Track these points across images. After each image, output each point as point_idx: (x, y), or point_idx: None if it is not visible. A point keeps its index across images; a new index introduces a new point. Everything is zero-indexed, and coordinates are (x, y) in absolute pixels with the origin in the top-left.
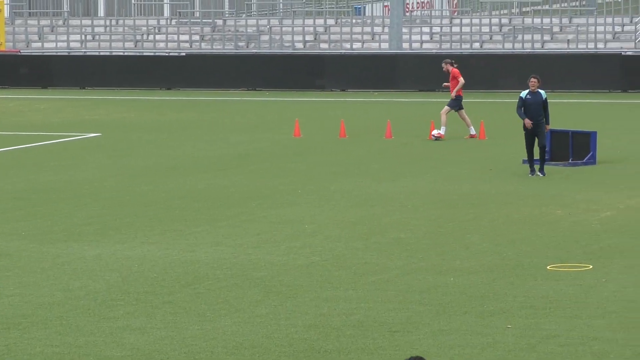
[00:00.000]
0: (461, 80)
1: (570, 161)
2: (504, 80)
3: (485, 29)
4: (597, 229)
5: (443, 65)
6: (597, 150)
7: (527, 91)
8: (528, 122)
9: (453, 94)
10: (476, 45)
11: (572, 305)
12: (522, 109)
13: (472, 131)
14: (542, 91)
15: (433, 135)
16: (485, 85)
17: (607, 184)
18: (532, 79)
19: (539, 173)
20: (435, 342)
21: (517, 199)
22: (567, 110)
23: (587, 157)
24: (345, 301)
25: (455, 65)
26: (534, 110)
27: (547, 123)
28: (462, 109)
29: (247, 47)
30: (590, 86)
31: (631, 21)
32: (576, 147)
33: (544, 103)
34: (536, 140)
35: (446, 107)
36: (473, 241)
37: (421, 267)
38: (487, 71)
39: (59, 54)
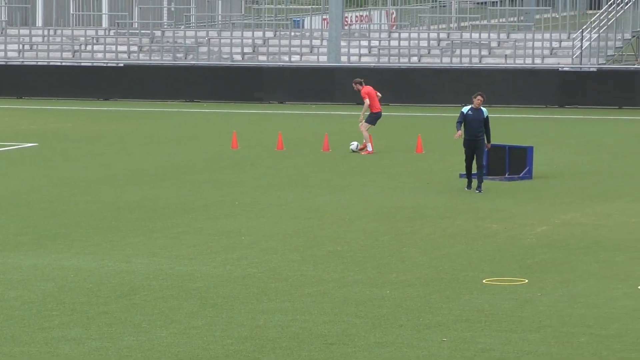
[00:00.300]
0: (366, 101)
1: (506, 176)
2: (441, 95)
3: (424, 43)
4: (533, 244)
5: (353, 85)
6: (533, 165)
7: (469, 107)
8: (458, 133)
9: (363, 115)
10: (414, 59)
11: (507, 319)
12: (461, 123)
13: (368, 147)
14: (484, 109)
15: (362, 151)
16: (423, 99)
17: (543, 198)
18: (479, 97)
19: (476, 190)
20: (371, 355)
21: (454, 213)
22: (504, 125)
23: (523, 172)
24: (281, 313)
25: (364, 84)
26: (474, 126)
27: (488, 141)
28: (374, 125)
29: (186, 58)
30: (527, 101)
31: (568, 37)
32: (513, 162)
33: (485, 121)
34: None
35: (365, 124)
36: (409, 254)
37: (357, 279)
38: (425, 85)
39: None
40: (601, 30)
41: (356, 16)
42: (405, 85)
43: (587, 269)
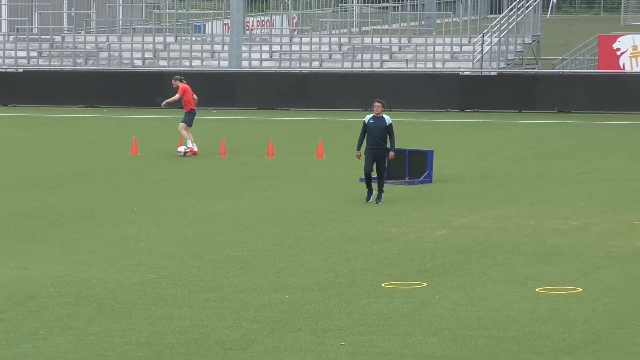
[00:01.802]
0: (177, 96)
1: (407, 179)
2: (343, 99)
3: (325, 48)
4: (432, 247)
5: (173, 81)
6: (433, 169)
7: (371, 115)
8: (358, 153)
9: (172, 100)
10: (315, 64)
11: (405, 323)
12: (364, 135)
13: (194, 147)
14: (387, 116)
15: (179, 152)
16: (324, 103)
17: (442, 202)
18: (376, 104)
19: (375, 201)
20: None
21: (354, 217)
22: (405, 129)
23: (423, 176)
24: (180, 319)
25: (184, 82)
26: (376, 135)
27: (392, 149)
28: (191, 125)
29: (86, 63)
30: (428, 105)
31: (469, 41)
32: (413, 166)
33: (389, 129)
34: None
35: (182, 124)
36: (309, 259)
37: (256, 284)
38: (326, 90)
39: None
40: (502, 35)
41: (257, 21)
42: (307, 90)
43: (486, 272)
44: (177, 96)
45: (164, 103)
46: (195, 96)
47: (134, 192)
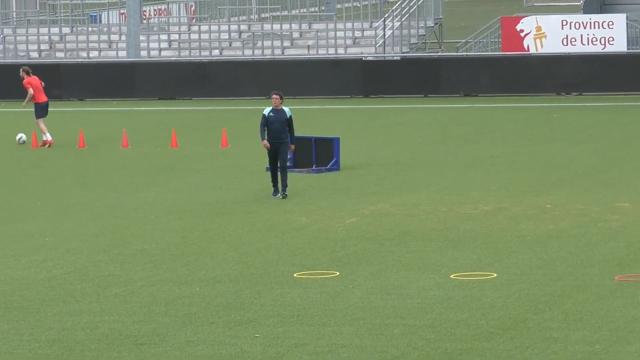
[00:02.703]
0: (30, 91)
1: (314, 168)
2: (245, 88)
3: (224, 36)
4: (343, 236)
5: (20, 72)
6: (340, 156)
7: (270, 108)
8: (265, 143)
9: (23, 103)
10: (215, 52)
11: (319, 313)
12: (264, 128)
13: (49, 137)
14: (286, 108)
15: (44, 141)
16: (225, 92)
17: (351, 190)
18: (275, 96)
19: (280, 194)
20: (182, 354)
21: (262, 207)
22: (310, 117)
23: (330, 164)
24: (89, 314)
25: (30, 74)
26: (277, 128)
27: (292, 143)
28: (45, 116)
29: None
30: (331, 92)
31: (371, 26)
32: (319, 154)
33: (289, 121)
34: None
35: (37, 120)
36: (218, 250)
37: (166, 278)
38: (227, 78)
39: None
40: (403, 19)
41: (155, 10)
42: (207, 79)
43: (399, 259)
44: (30, 94)
45: (24, 104)
46: (43, 83)
47: (36, 187)
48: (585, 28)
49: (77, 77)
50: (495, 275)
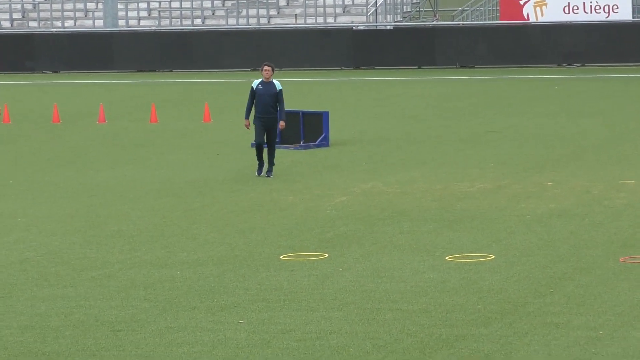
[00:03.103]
0: None
1: (301, 144)
2: (229, 59)
3: (207, 4)
4: (332, 216)
5: None
6: (329, 131)
7: (259, 80)
8: (246, 122)
9: None
10: (198, 21)
11: (307, 297)
12: (252, 102)
13: None
14: (277, 82)
15: None
16: (209, 64)
17: (341, 167)
18: (266, 67)
19: (265, 174)
20: (162, 341)
21: (246, 186)
22: (297, 90)
23: (319, 139)
24: (64, 299)
25: None
26: (266, 102)
27: (282, 118)
28: None
29: None
30: (320, 63)
31: None
32: (307, 129)
33: (278, 95)
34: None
35: None
36: (200, 232)
37: (145, 260)
38: (211, 49)
39: None
40: None
41: None
42: (189, 50)
43: (391, 240)
44: None
45: None
46: None
47: (8, 165)
48: None
49: (51, 47)
50: (493, 257)
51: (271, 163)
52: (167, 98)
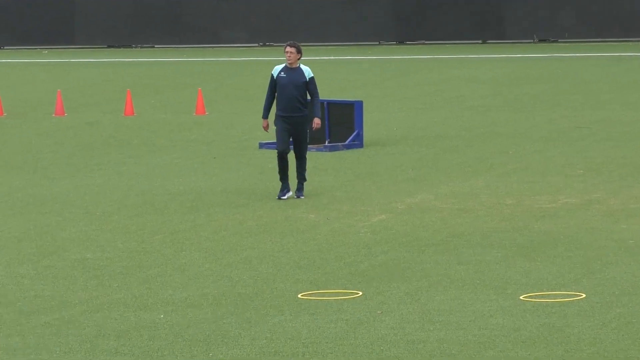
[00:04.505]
0: None
1: (327, 144)
2: (229, 32)
3: None
4: (367, 240)
5: None
6: (363, 127)
7: (282, 66)
8: (265, 123)
9: None
10: None
11: (335, 350)
12: (272, 95)
13: None
14: (305, 68)
15: None
16: (203, 38)
17: (378, 175)
18: (289, 49)
19: (294, 194)
20: None
21: (253, 200)
22: (323, 72)
23: (350, 138)
24: (8, 353)
25: None
26: (291, 96)
27: (316, 115)
28: None
29: None
30: (353, 38)
31: None
32: (335, 124)
33: (308, 85)
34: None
35: None
36: (191, 261)
37: (117, 300)
38: (205, 19)
39: None
40: None
41: None
42: (177, 21)
43: (447, 273)
44: None
45: None
46: None
47: None
48: None
49: None
50: (584, 295)
51: (302, 178)
52: (147, 83)
